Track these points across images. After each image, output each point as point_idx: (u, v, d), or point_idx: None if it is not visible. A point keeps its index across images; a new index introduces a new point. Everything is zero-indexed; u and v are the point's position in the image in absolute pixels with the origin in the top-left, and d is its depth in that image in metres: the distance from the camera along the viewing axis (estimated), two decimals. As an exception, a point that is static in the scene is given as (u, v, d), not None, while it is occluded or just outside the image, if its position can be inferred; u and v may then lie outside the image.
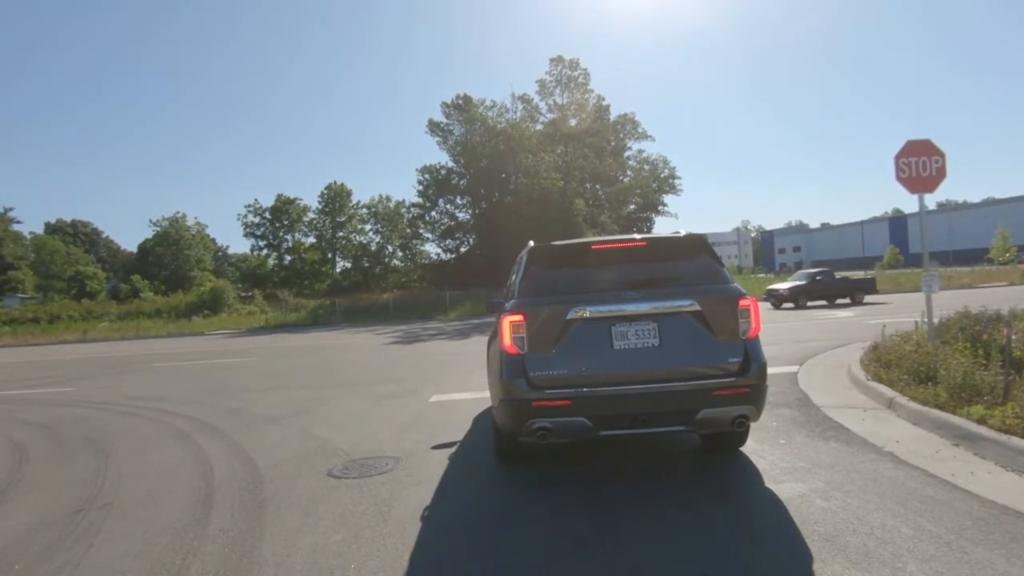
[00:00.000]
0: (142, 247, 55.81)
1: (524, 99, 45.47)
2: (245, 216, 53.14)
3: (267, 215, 53.42)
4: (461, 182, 48.16)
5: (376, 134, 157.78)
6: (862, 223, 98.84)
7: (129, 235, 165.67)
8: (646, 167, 69.26)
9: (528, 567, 2.78)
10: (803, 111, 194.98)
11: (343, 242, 52.66)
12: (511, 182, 45.11)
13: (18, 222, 74.65)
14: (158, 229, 55.57)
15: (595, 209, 49.10)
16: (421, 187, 49.18)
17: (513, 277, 4.59)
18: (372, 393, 8.83)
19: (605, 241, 4.22)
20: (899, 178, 7.19)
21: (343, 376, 11.08)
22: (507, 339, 3.74)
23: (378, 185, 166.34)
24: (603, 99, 46.00)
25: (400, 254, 53.93)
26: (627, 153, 63.23)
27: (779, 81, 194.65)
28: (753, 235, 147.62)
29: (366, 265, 50.00)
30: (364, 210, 53.06)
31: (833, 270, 26.46)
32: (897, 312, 16.80)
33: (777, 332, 14.11)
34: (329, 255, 54.61)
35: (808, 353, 9.71)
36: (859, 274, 33.59)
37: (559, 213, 41.42)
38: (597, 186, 55.84)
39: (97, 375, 13.70)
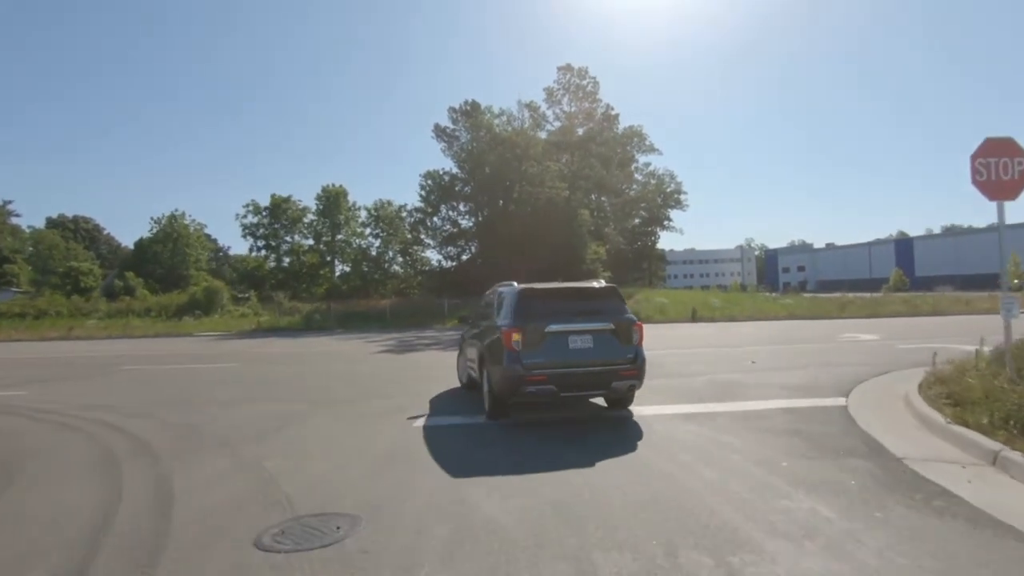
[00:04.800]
0: (139, 244, 54.92)
1: (531, 107, 44.64)
2: (244, 216, 52.33)
3: (265, 215, 52.56)
4: (464, 189, 47.23)
5: (376, 137, 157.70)
6: (869, 245, 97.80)
7: (131, 233, 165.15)
8: (652, 181, 68.61)
9: None
10: (810, 131, 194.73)
11: (342, 245, 51.69)
12: (515, 190, 44.21)
13: (17, 215, 73.98)
14: (158, 226, 54.75)
15: (600, 220, 48.17)
16: (423, 192, 48.26)
17: (498, 302, 7.35)
18: (350, 412, 7.71)
19: (569, 287, 7.24)
20: (976, 181, 6.09)
21: (323, 389, 9.94)
22: (510, 342, 6.26)
23: (377, 189, 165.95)
24: (612, 109, 45.17)
25: (400, 260, 52.94)
26: (633, 166, 62.50)
27: (787, 99, 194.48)
28: (757, 253, 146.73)
29: (366, 270, 48.96)
30: (364, 213, 52.18)
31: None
32: (928, 336, 15.65)
33: (802, 354, 12.95)
34: (328, 258, 53.66)
35: (847, 380, 8.56)
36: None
37: (563, 223, 40.44)
38: (603, 198, 54.96)
39: (61, 377, 12.59)
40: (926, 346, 12.30)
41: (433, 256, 51.08)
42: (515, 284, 7.11)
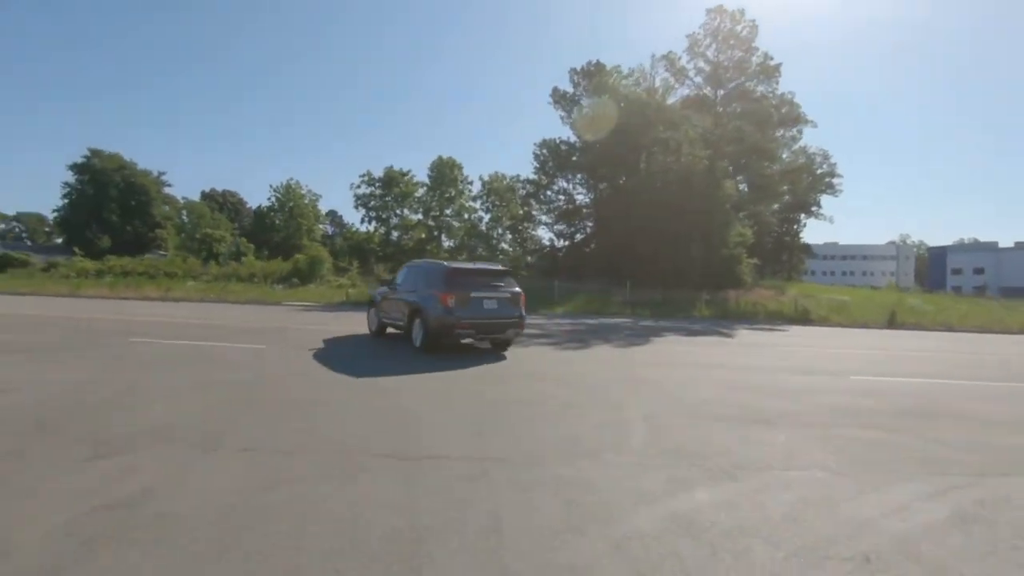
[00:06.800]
0: (258, 212, 56.35)
1: (669, 58, 37.61)
2: (358, 187, 51.32)
3: (378, 187, 51.09)
4: (584, 159, 41.60)
5: (497, 112, 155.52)
6: (1088, 243, 77.16)
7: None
8: (801, 159, 57.63)
9: None
10: (990, 112, 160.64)
11: (449, 220, 48.76)
12: (642, 159, 37.71)
13: (168, 185, 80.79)
14: (276, 196, 55.75)
15: (749, 197, 40.23)
16: (538, 163, 43.44)
17: (425, 273, 10.39)
18: (328, 518, 2.84)
19: (483, 268, 10.48)
20: None
21: (339, 411, 5.31)
22: (446, 301, 9.29)
23: (494, 163, 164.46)
24: (770, 58, 36.63)
25: (509, 237, 48.92)
26: (779, 138, 52.47)
27: (955, 83, 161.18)
28: (918, 251, 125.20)
29: (472, 244, 45.50)
30: (477, 184, 48.69)
31: None
32: None
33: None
34: (436, 233, 51.12)
35: None
36: None
37: (702, 197, 33.28)
38: (739, 177, 46.22)
39: (49, 348, 9.31)
40: None
41: (544, 234, 46.51)
42: (443, 263, 10.48)
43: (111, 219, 65.33)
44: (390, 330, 11.89)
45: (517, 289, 10.11)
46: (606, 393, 6.98)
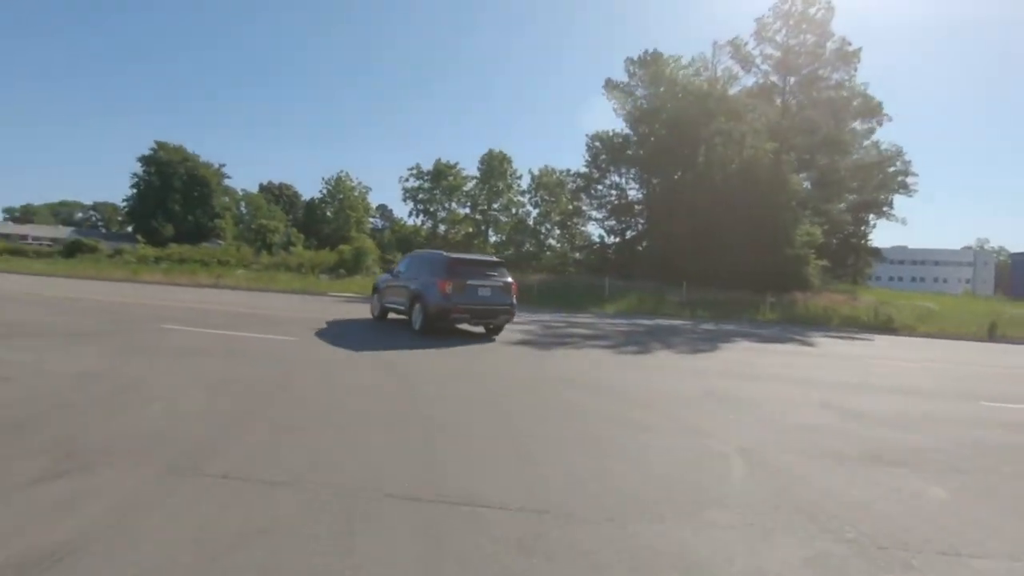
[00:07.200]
0: (309, 204, 57.23)
1: (734, 43, 35.27)
2: (406, 180, 51.21)
3: (426, 180, 50.81)
4: (638, 153, 39.75)
5: (553, 107, 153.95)
6: None
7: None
8: (872, 154, 53.33)
9: None
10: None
11: (496, 215, 47.89)
12: (700, 152, 35.57)
13: (227, 177, 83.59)
14: (328, 187, 56.43)
15: (818, 192, 37.42)
16: (590, 156, 41.87)
17: (427, 262, 11.14)
18: None
19: (480, 258, 11.82)
20: None
21: (342, 439, 4.33)
22: (444, 288, 9.98)
23: (545, 157, 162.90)
24: (848, 43, 33.74)
25: (558, 232, 47.59)
26: (850, 130, 48.62)
27: None
28: (999, 257, 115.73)
29: (519, 239, 44.48)
30: (526, 178, 47.59)
31: None
32: None
33: None
34: (483, 227, 50.42)
35: None
36: None
37: (766, 193, 30.93)
38: (803, 174, 43.07)
39: (60, 335, 8.87)
40: None
41: (594, 230, 44.91)
42: (443, 253, 11.14)
43: (174, 209, 67.92)
44: (391, 315, 12.64)
45: (509, 279, 10.92)
46: (683, 412, 5.76)
